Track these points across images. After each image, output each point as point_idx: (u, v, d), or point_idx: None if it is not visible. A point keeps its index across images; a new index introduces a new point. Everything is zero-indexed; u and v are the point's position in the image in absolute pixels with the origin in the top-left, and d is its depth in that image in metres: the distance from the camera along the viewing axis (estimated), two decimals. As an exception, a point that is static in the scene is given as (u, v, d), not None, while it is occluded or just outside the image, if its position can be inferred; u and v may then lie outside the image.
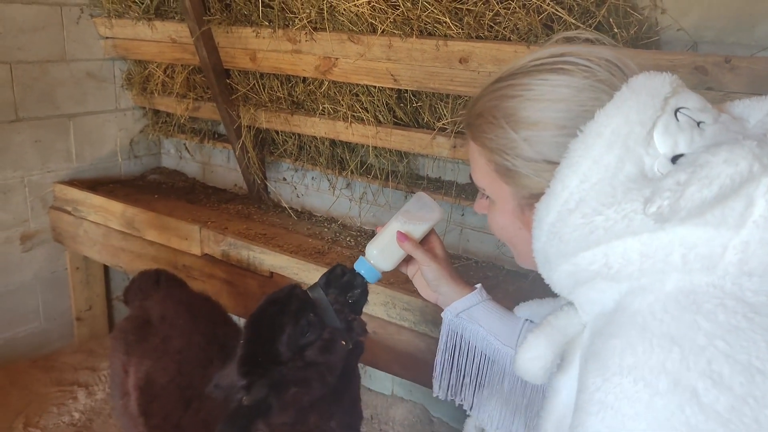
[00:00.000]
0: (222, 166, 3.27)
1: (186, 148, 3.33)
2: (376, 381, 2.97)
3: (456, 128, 2.14)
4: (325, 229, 2.72)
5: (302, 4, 2.20)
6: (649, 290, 0.68)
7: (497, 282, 2.24)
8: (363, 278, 1.18)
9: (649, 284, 0.68)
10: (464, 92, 2.05)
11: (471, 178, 0.94)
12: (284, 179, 2.98)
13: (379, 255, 1.17)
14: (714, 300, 0.64)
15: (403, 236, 1.16)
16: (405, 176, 2.48)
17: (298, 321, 1.15)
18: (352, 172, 2.57)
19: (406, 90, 2.24)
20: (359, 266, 1.18)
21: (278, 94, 2.58)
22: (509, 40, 1.91)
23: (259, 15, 2.36)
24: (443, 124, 2.17)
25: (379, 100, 2.31)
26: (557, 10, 1.83)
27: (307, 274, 2.12)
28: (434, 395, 1.23)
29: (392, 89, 2.26)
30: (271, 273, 2.26)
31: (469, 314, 1.16)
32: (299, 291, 1.21)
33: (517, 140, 0.78)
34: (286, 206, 2.95)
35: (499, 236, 0.94)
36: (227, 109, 2.69)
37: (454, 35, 1.97)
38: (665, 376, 0.61)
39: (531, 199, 0.81)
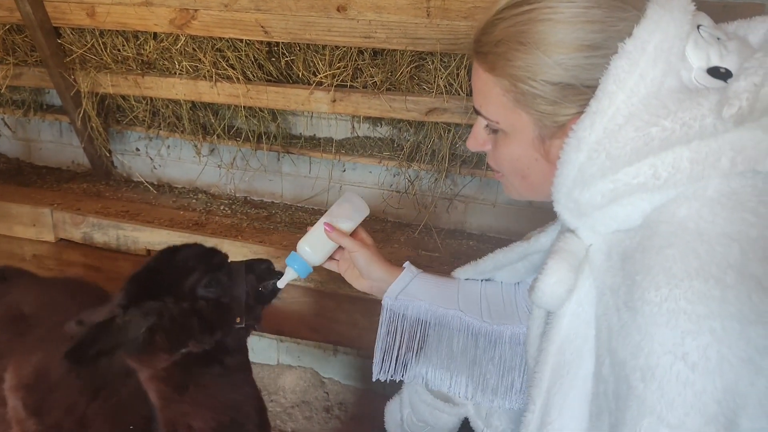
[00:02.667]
0: (53, 141, 2.87)
1: (5, 123, 2.87)
2: (259, 353, 2.87)
3: (335, 82, 2.08)
4: (194, 201, 2.53)
5: (154, -51, 1.97)
6: (693, 198, 0.72)
7: (386, 235, 2.25)
8: (275, 283, 1.23)
9: (692, 192, 0.72)
10: (343, 42, 1.99)
11: (476, 110, 0.91)
12: (137, 150, 2.70)
13: (310, 249, 1.22)
14: (753, 198, 0.70)
15: (331, 227, 1.20)
16: (279, 137, 2.37)
17: (210, 272, 1.16)
18: (219, 137, 2.40)
19: (278, 43, 2.12)
20: (291, 261, 1.22)
21: (124, 53, 2.30)
22: (389, -14, 1.87)
23: (97, -38, 2.07)
24: (321, 77, 2.09)
25: (247, 56, 2.16)
26: (434, -45, 1.82)
27: (193, 247, 1.96)
28: (374, 379, 1.25)
29: (262, 43, 2.12)
30: (149, 251, 2.05)
31: (406, 293, 1.20)
32: (224, 255, 1.23)
33: (549, 65, 0.78)
34: (142, 180, 2.68)
35: (505, 169, 0.93)
36: (62, 73, 2.35)
37: (331, -18, 1.89)
38: (731, 270, 0.66)
39: (555, 128, 0.82)
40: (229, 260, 1.26)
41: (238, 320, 1.21)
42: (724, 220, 0.69)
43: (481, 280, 1.25)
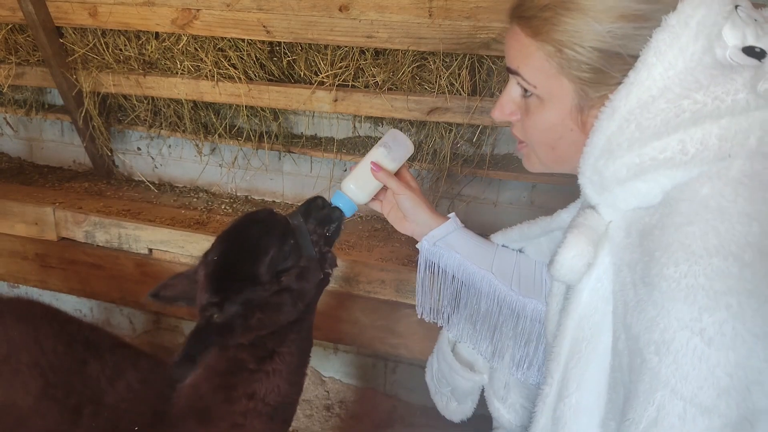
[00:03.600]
0: (55, 141, 2.88)
1: (8, 122, 2.87)
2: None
3: (337, 81, 2.09)
4: (194, 199, 2.54)
5: (156, -51, 1.97)
6: (716, 177, 0.73)
7: (388, 233, 2.25)
8: (341, 212, 1.21)
9: (715, 171, 0.73)
10: (345, 42, 1.99)
11: (514, 72, 0.90)
12: (138, 149, 2.70)
13: (356, 188, 1.21)
14: None
15: (377, 167, 1.18)
16: (280, 136, 2.37)
17: (282, 245, 1.13)
18: (220, 136, 2.40)
19: (279, 43, 2.13)
20: (336, 200, 1.21)
21: (126, 53, 2.31)
22: (391, -14, 1.88)
23: (99, -38, 2.08)
24: (323, 77, 2.10)
25: (248, 55, 2.17)
26: (436, -44, 1.83)
27: (195, 245, 1.97)
28: (419, 317, 1.29)
29: (263, 42, 2.13)
30: (150, 249, 2.06)
31: (445, 242, 1.20)
32: (281, 216, 1.19)
33: (598, 31, 0.78)
34: (143, 179, 2.69)
35: (534, 138, 0.93)
36: (63, 73, 2.36)
37: (333, -18, 1.90)
38: (749, 248, 0.68)
39: (596, 98, 0.82)
40: (288, 220, 1.22)
41: (318, 274, 1.20)
42: (745, 200, 0.71)
43: (517, 251, 1.25)
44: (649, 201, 0.79)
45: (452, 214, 1.23)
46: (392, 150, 1.22)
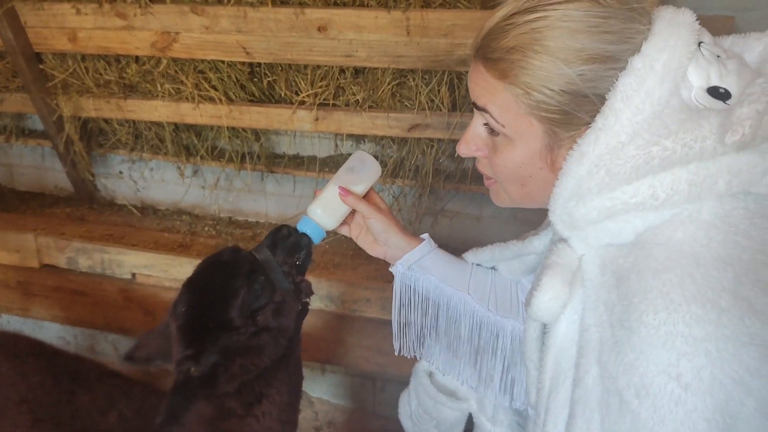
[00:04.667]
0: (36, 166, 2.86)
1: (-13, 149, 2.86)
2: (247, 373, 2.85)
3: (318, 100, 2.10)
4: (177, 222, 2.53)
5: (134, -26, 1.98)
6: (688, 220, 0.74)
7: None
8: (308, 238, 1.16)
9: (687, 215, 0.74)
10: (324, 62, 2.01)
11: (481, 108, 0.87)
12: (120, 173, 2.69)
13: (323, 213, 1.16)
14: (745, 220, 0.72)
15: (345, 191, 1.14)
16: (263, 156, 2.37)
17: (252, 284, 1.09)
18: (202, 157, 2.40)
19: (259, 64, 2.14)
20: (303, 226, 1.17)
21: (106, 76, 2.31)
22: (368, 6, 1.90)
23: (78, -12, 2.08)
24: (303, 96, 2.11)
25: (229, 77, 2.17)
26: (412, -25, 1.86)
27: (179, 269, 1.96)
28: (396, 354, 1.23)
29: (243, 64, 2.14)
30: (134, 274, 2.04)
31: (420, 264, 1.16)
32: (245, 253, 1.14)
33: (570, 75, 0.77)
34: (126, 203, 2.67)
35: (503, 175, 0.91)
36: (44, 98, 2.35)
37: (311, 3, 1.92)
38: (725, 293, 0.68)
39: (565, 137, 0.81)
40: (251, 251, 1.18)
41: (296, 306, 1.16)
42: (718, 244, 0.71)
43: (492, 270, 1.23)
44: (621, 239, 0.79)
45: (425, 235, 1.20)
46: (359, 173, 1.18)
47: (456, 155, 2.16)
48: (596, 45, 0.76)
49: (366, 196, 1.19)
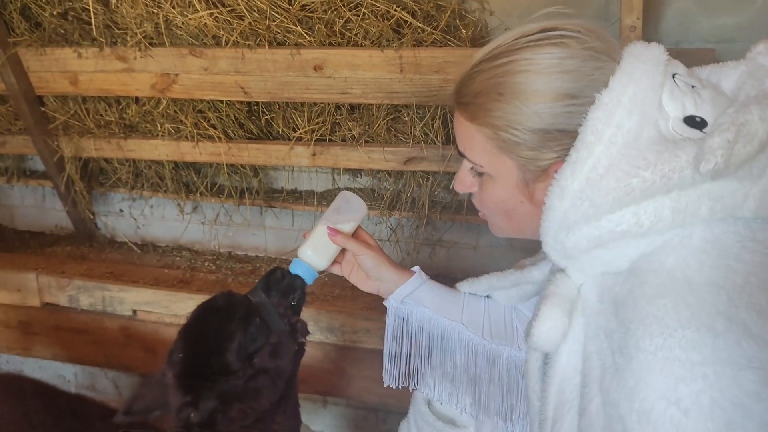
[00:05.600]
0: (36, 206, 2.89)
1: (-12, 191, 2.89)
2: (248, 409, 2.84)
3: (315, 136, 2.15)
4: (177, 258, 2.55)
5: (135, 19, 2.04)
6: (679, 246, 0.76)
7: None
8: (302, 280, 1.18)
9: (678, 241, 0.76)
10: (321, 99, 2.06)
11: (461, 154, 0.95)
12: (120, 211, 2.72)
13: (314, 254, 1.19)
14: (736, 244, 0.74)
15: (334, 231, 1.17)
16: (261, 191, 2.41)
17: (247, 327, 1.11)
18: (201, 194, 2.44)
19: (258, 103, 2.19)
20: (295, 268, 1.19)
21: (107, 117, 2.36)
22: (362, 45, 1.96)
23: (80, 34, 2.14)
24: (300, 133, 2.16)
25: (227, 115, 2.23)
26: (404, 15, 1.92)
27: (180, 305, 1.98)
28: (385, 385, 1.24)
29: (242, 103, 2.19)
30: (134, 311, 2.06)
31: (413, 297, 1.19)
32: (240, 296, 1.16)
33: (528, 114, 0.82)
34: (126, 240, 2.70)
35: (490, 210, 0.97)
36: (45, 140, 2.40)
37: (306, 44, 1.98)
38: (720, 317, 0.69)
39: (538, 172, 0.86)
40: (245, 295, 1.19)
41: (295, 347, 1.18)
42: (710, 269, 0.73)
43: (485, 298, 1.26)
44: (615, 267, 0.82)
45: (416, 268, 1.23)
46: (345, 212, 1.22)
47: (452, 187, 2.21)
48: (553, 84, 0.81)
49: (354, 234, 1.22)
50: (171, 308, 1.99)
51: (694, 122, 0.80)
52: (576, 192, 0.79)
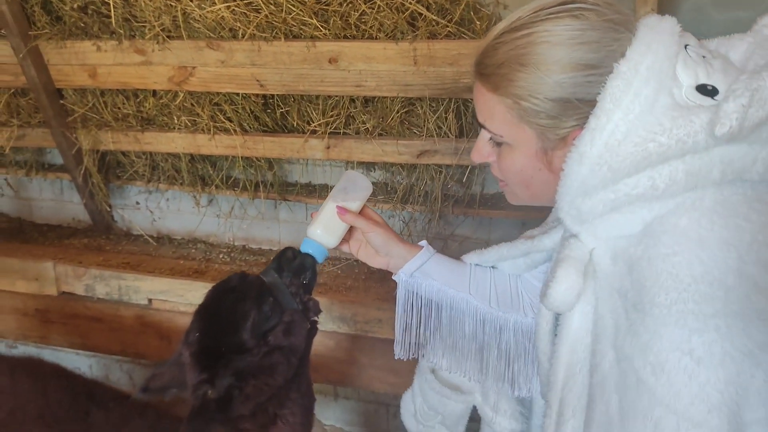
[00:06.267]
0: (54, 200, 2.94)
1: (8, 183, 2.94)
2: (260, 402, 2.86)
3: (329, 129, 2.17)
4: (192, 250, 2.58)
5: (153, 11, 2.08)
6: (692, 208, 0.80)
7: (383, 275, 2.28)
8: (312, 258, 1.21)
9: (690, 203, 0.80)
10: (335, 92, 2.08)
11: (481, 125, 0.98)
12: (137, 203, 2.76)
13: (323, 232, 1.22)
14: (744, 205, 0.78)
15: (342, 210, 1.21)
16: (276, 185, 2.44)
17: (261, 306, 1.13)
18: (217, 187, 2.47)
19: (273, 96, 2.22)
20: (306, 247, 1.22)
21: (125, 110, 2.39)
22: (377, 38, 1.98)
23: (99, 27, 2.18)
24: (315, 125, 2.18)
25: (243, 108, 2.25)
26: (418, 8, 1.94)
27: (195, 294, 2.00)
28: (396, 358, 1.27)
29: (257, 96, 2.22)
30: (150, 300, 2.09)
31: (422, 271, 1.23)
32: (253, 277, 1.19)
33: (550, 83, 0.85)
34: (142, 232, 2.73)
35: (509, 178, 1.01)
36: (64, 132, 2.44)
37: (321, 36, 2.00)
38: (731, 273, 0.74)
39: (557, 140, 0.89)
40: (258, 275, 1.22)
41: (305, 324, 1.21)
42: (721, 228, 0.78)
43: (491, 268, 1.29)
44: (629, 230, 0.85)
45: (424, 242, 1.27)
46: (352, 192, 1.25)
47: (465, 180, 2.22)
48: (573, 55, 0.84)
49: (361, 212, 1.25)
50: (186, 297, 2.01)
51: (706, 90, 0.83)
52: (594, 157, 0.82)
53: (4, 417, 1.46)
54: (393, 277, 1.26)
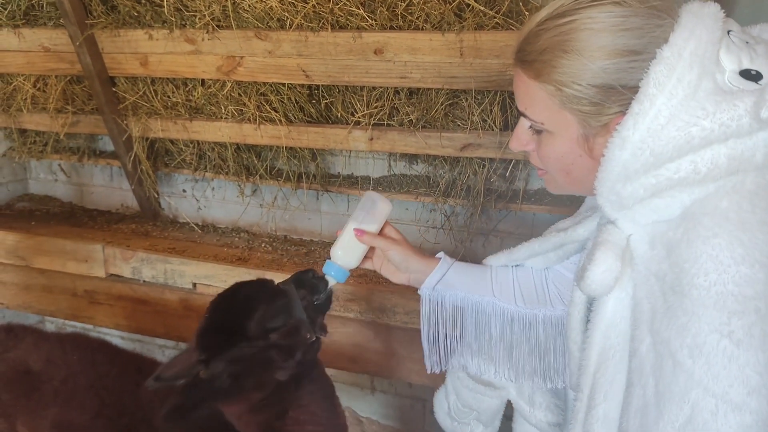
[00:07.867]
0: (104, 186, 3.03)
1: (62, 169, 3.04)
2: (297, 391, 2.89)
3: (373, 121, 2.17)
4: (236, 239, 2.62)
5: (204, 1, 2.12)
6: (732, 191, 0.79)
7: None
8: (326, 283, 1.27)
9: (731, 186, 0.79)
10: (380, 83, 2.08)
11: (521, 113, 0.98)
12: (183, 191, 2.82)
13: (344, 254, 1.27)
14: None
15: (360, 232, 1.25)
16: (318, 176, 2.46)
17: (271, 303, 1.19)
18: (261, 177, 2.50)
19: (318, 86, 2.23)
20: (328, 268, 1.28)
21: (174, 99, 2.45)
22: (423, 29, 1.97)
23: (152, 16, 2.23)
24: (359, 117, 2.19)
25: (289, 99, 2.27)
26: (466, -1, 1.92)
27: (237, 279, 2.02)
28: (428, 372, 1.31)
29: (303, 86, 2.24)
30: (194, 284, 2.13)
31: (443, 283, 1.26)
32: (271, 282, 1.27)
33: (594, 69, 0.85)
34: (188, 220, 2.79)
35: (549, 165, 1.00)
36: (115, 119, 2.50)
37: (368, 27, 2.00)
38: None
39: (599, 126, 0.88)
40: (279, 286, 1.29)
41: (307, 335, 1.24)
42: (763, 210, 0.77)
43: (513, 267, 1.31)
44: (668, 215, 0.85)
45: (441, 254, 1.29)
46: (371, 212, 1.29)
47: (508, 175, 2.20)
48: (617, 41, 0.84)
49: (381, 231, 1.29)
50: (229, 282, 2.02)
51: (750, 75, 0.83)
52: (637, 142, 0.82)
53: (57, 386, 1.52)
54: (418, 292, 1.29)
